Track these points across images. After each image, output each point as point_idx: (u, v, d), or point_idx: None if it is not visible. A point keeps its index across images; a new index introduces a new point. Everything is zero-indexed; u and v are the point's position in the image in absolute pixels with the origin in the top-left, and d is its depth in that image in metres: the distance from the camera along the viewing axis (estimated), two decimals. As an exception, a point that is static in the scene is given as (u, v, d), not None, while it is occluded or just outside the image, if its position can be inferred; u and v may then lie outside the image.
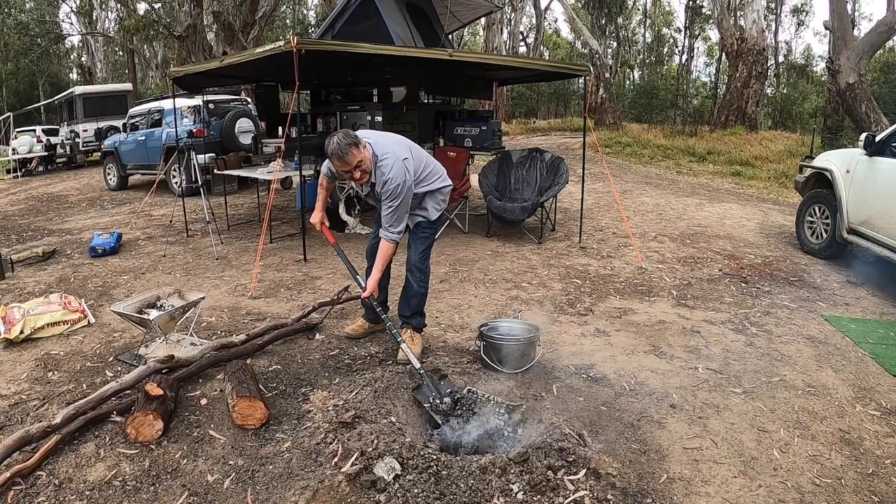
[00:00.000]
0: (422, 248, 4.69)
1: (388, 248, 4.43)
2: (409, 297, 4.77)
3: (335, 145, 4.14)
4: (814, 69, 44.00)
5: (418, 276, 4.69)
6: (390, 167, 4.25)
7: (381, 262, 4.44)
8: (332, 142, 4.16)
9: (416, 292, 4.73)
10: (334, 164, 4.24)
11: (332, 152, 4.16)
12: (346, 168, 4.19)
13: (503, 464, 3.09)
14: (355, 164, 4.17)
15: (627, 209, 10.30)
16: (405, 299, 4.80)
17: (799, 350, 4.87)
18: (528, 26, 46.89)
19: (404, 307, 4.81)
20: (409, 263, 4.72)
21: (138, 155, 14.71)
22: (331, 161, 4.26)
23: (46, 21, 39.80)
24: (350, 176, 4.27)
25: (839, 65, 15.81)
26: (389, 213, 4.32)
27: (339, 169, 4.25)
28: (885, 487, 3.17)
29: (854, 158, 7.06)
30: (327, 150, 4.19)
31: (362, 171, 4.23)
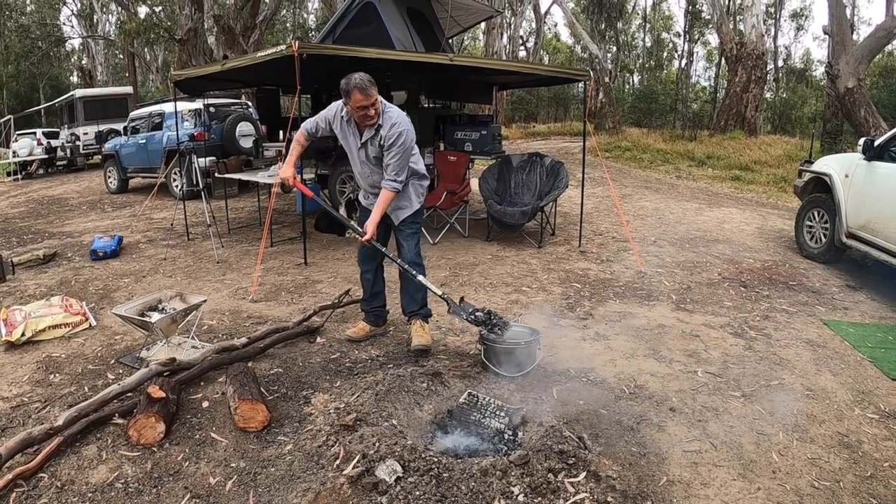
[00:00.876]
0: (413, 244, 4.79)
1: (389, 196, 4.51)
2: (414, 293, 4.86)
3: (359, 79, 4.24)
4: (813, 74, 44.01)
5: (413, 268, 4.71)
6: (397, 115, 4.46)
7: (381, 207, 4.50)
8: (354, 77, 4.25)
9: (419, 286, 4.76)
10: (354, 97, 4.25)
11: (356, 84, 4.22)
12: (365, 102, 4.26)
13: (504, 466, 3.11)
14: (371, 102, 4.28)
15: (627, 213, 10.32)
16: (409, 296, 4.89)
17: (798, 354, 4.89)
18: (528, 31, 46.97)
19: (410, 303, 4.89)
20: (406, 262, 4.73)
21: (139, 158, 14.73)
22: (352, 93, 4.25)
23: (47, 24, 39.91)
24: (363, 113, 4.32)
25: (838, 69, 15.84)
26: (395, 160, 4.41)
27: (357, 103, 4.27)
28: (884, 490, 3.19)
29: (853, 163, 7.08)
30: (349, 84, 4.25)
31: (375, 110, 4.34)
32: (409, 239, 4.78)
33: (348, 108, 4.41)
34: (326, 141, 10.35)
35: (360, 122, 4.44)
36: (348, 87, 4.26)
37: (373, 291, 5.05)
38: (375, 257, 4.94)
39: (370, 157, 4.57)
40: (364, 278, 5.03)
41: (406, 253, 4.76)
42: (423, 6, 10.68)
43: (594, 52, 27.46)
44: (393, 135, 4.38)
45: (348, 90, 4.26)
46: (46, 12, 41.55)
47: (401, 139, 4.39)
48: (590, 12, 40.07)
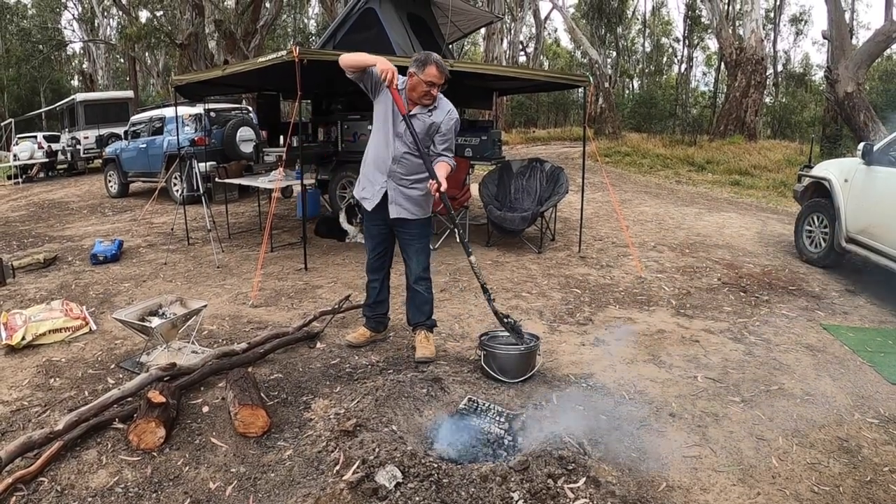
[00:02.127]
0: (423, 259, 4.75)
1: (447, 168, 4.60)
2: (421, 305, 4.83)
3: (439, 57, 4.40)
4: (812, 78, 44.08)
5: (424, 286, 4.77)
6: (450, 104, 4.60)
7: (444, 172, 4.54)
8: (434, 54, 4.42)
9: (427, 299, 4.82)
10: (429, 71, 4.31)
11: (436, 60, 4.35)
12: (439, 80, 4.36)
13: (504, 472, 3.11)
14: (441, 83, 4.39)
15: (627, 219, 10.33)
16: (416, 308, 4.85)
17: (797, 359, 4.89)
18: (528, 36, 47.04)
19: (417, 315, 4.87)
20: (413, 276, 4.76)
21: (139, 162, 14.75)
22: (429, 67, 4.31)
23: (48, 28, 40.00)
24: (427, 90, 4.37)
25: (837, 74, 15.87)
26: (450, 142, 4.61)
27: (429, 77, 4.32)
28: (884, 495, 3.19)
29: (852, 167, 7.09)
30: (428, 57, 4.36)
31: (437, 93, 4.46)
32: (419, 253, 4.75)
33: (411, 80, 4.41)
34: (327, 146, 10.40)
35: (418, 98, 4.44)
36: (427, 60, 4.33)
37: (377, 299, 5.03)
38: (384, 267, 4.94)
39: (408, 133, 4.42)
40: (370, 287, 5.00)
41: (415, 266, 4.75)
42: (424, 12, 10.69)
43: (594, 58, 27.52)
44: (451, 119, 4.53)
45: (425, 62, 4.32)
46: (47, 16, 41.66)
47: (457, 125, 4.61)
48: (590, 18, 40.09)
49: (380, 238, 4.82)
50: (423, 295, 4.78)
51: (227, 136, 12.98)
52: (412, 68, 4.38)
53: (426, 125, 4.49)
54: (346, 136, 10.21)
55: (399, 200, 4.60)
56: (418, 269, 4.75)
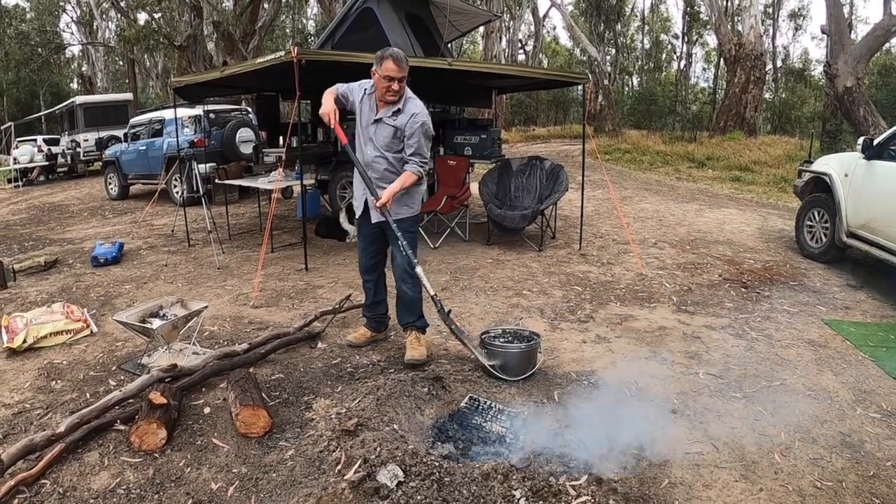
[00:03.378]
0: (408, 255, 4.52)
1: (411, 179, 4.49)
2: (408, 305, 4.75)
3: (396, 50, 4.38)
4: (812, 73, 44.05)
5: (410, 283, 4.66)
6: (420, 106, 4.50)
7: (400, 183, 4.45)
8: (392, 48, 4.41)
9: (413, 298, 4.72)
10: (385, 65, 4.26)
11: (392, 53, 4.30)
12: (397, 74, 4.29)
13: (505, 470, 3.11)
14: (400, 77, 4.32)
15: (627, 216, 10.32)
16: (404, 307, 4.77)
17: (799, 354, 4.89)
18: (527, 34, 47.02)
19: (406, 315, 4.78)
20: (398, 273, 4.69)
21: (139, 164, 14.75)
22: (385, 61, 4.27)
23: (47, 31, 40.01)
24: (388, 85, 4.32)
25: (837, 69, 15.87)
26: (417, 144, 4.44)
27: (387, 72, 4.27)
28: (887, 490, 3.19)
29: (852, 162, 7.08)
30: (384, 52, 4.32)
31: (400, 87, 4.37)
32: (402, 248, 4.52)
33: (374, 79, 4.41)
34: (327, 146, 10.39)
35: (381, 95, 4.41)
36: (383, 55, 4.30)
37: (375, 300, 5.01)
38: (377, 267, 4.91)
39: (378, 136, 4.51)
40: (366, 287, 4.99)
41: (401, 262, 4.63)
42: (422, 11, 10.69)
43: (593, 55, 27.52)
44: (416, 122, 4.42)
45: (382, 57, 4.29)
46: (46, 19, 41.64)
47: (423, 128, 4.45)
48: (588, 15, 40.18)
49: (371, 238, 4.79)
50: (408, 294, 4.69)
51: (227, 138, 12.98)
52: (374, 66, 4.37)
53: (391, 129, 4.48)
54: (346, 136, 10.19)
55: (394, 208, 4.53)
56: (402, 265, 4.63)
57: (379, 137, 4.52)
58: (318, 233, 9.36)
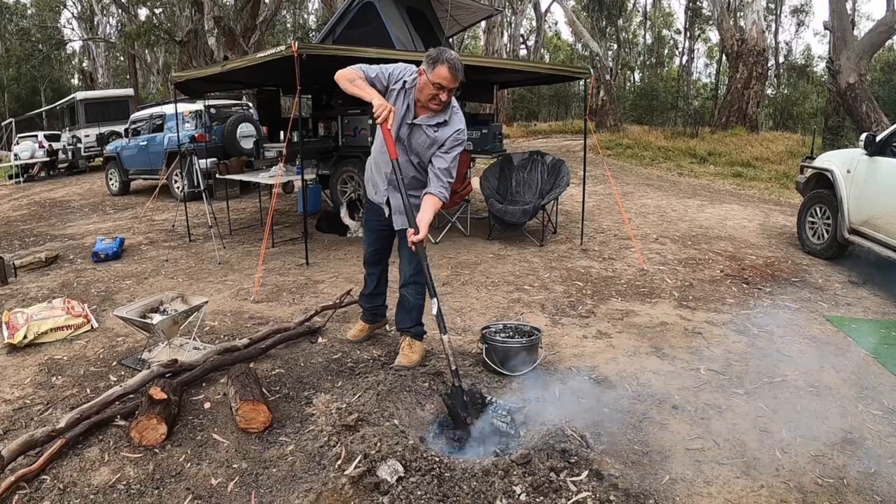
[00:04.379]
0: (415, 262, 4.31)
1: (437, 205, 4.13)
2: (409, 310, 4.61)
3: (454, 57, 3.90)
4: (814, 69, 43.96)
5: (414, 290, 4.52)
6: (463, 121, 4.18)
7: (431, 213, 4.06)
8: (450, 52, 3.94)
9: (415, 304, 4.58)
10: (439, 71, 3.85)
11: (449, 59, 3.86)
12: (449, 83, 3.92)
13: (506, 465, 3.10)
14: (452, 87, 3.96)
15: (629, 211, 10.31)
16: (405, 312, 4.63)
17: (801, 350, 4.88)
18: (529, 29, 46.99)
19: (405, 320, 4.64)
20: (403, 278, 4.54)
21: (140, 160, 14.75)
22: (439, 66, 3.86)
23: (48, 27, 39.99)
24: (435, 92, 3.94)
25: (839, 65, 15.83)
26: (450, 164, 4.10)
27: (439, 78, 3.87)
28: (888, 487, 3.17)
29: (855, 158, 7.07)
30: (441, 55, 3.89)
31: (448, 97, 4.01)
32: (413, 257, 4.26)
33: (420, 79, 4.01)
34: (328, 141, 10.38)
35: (424, 100, 4.02)
36: (439, 57, 3.88)
37: (374, 291, 4.92)
38: (381, 261, 4.82)
39: (412, 142, 4.16)
40: (368, 278, 4.90)
41: (406, 269, 4.49)
42: (423, 5, 10.67)
43: (595, 50, 27.45)
44: (459, 139, 4.12)
45: (437, 60, 3.87)
46: (47, 15, 41.62)
47: (462, 146, 4.16)
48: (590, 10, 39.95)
49: (378, 234, 4.67)
50: (409, 300, 4.55)
51: (228, 133, 12.97)
52: (423, 65, 3.96)
53: (430, 140, 4.13)
54: (347, 131, 10.20)
55: (398, 213, 4.34)
56: (409, 271, 4.48)
57: (413, 142, 4.18)
58: (319, 228, 9.35)
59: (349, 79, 4.05)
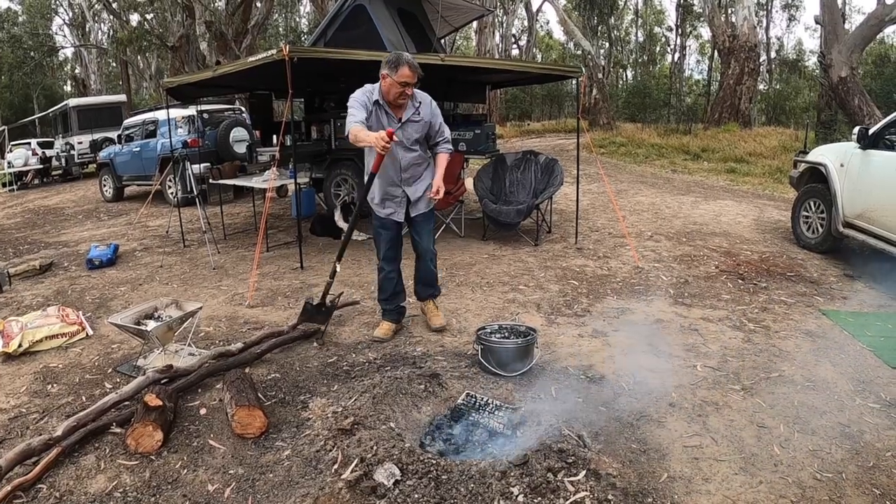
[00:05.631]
0: (429, 235, 5.13)
1: (447, 159, 4.90)
2: (429, 276, 5.24)
3: (410, 56, 4.51)
4: (806, 64, 44.05)
5: (432, 257, 5.18)
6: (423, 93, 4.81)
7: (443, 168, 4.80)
8: (405, 54, 4.54)
9: (433, 270, 5.23)
10: (402, 72, 4.40)
11: (408, 60, 4.44)
12: (411, 80, 4.45)
13: (503, 467, 3.09)
14: (415, 81, 4.51)
15: (623, 209, 10.31)
16: (425, 280, 5.27)
17: (797, 345, 4.88)
18: (521, 29, 47.06)
19: (426, 288, 5.31)
20: (423, 250, 5.13)
21: (133, 166, 14.73)
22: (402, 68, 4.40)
23: (39, 34, 39.86)
24: (402, 90, 4.49)
25: (831, 59, 15.87)
26: (442, 126, 4.86)
27: (403, 78, 4.41)
28: (887, 480, 3.18)
29: (848, 152, 7.07)
30: (400, 58, 4.44)
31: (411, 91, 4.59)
32: (427, 232, 5.10)
33: (383, 87, 4.56)
34: (321, 144, 10.37)
35: (394, 100, 4.57)
36: (399, 61, 4.42)
37: (396, 290, 5.23)
38: (398, 256, 5.18)
39: (406, 136, 4.73)
40: (388, 278, 5.15)
41: (424, 243, 5.10)
42: (414, 7, 10.65)
43: (587, 49, 27.48)
44: (435, 108, 4.81)
45: (398, 63, 4.41)
46: (38, 22, 41.46)
47: (438, 109, 4.86)
48: (581, 9, 40.01)
49: (395, 232, 5.06)
50: (430, 267, 5.18)
51: (221, 137, 12.96)
52: (384, 70, 4.49)
53: (421, 125, 4.76)
54: (340, 134, 10.17)
55: (417, 203, 4.97)
56: (428, 244, 5.13)
57: (407, 135, 4.74)
58: (314, 231, 9.34)
59: (354, 135, 4.42)
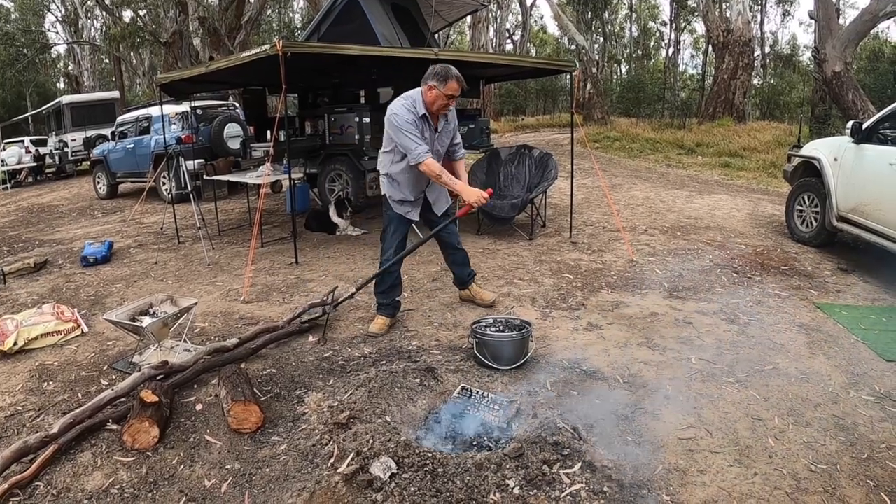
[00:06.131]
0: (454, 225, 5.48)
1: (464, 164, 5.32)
2: (462, 257, 5.60)
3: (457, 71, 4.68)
4: (800, 59, 44.09)
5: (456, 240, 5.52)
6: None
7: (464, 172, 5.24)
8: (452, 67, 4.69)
9: (462, 250, 5.57)
10: (451, 85, 4.61)
11: (457, 75, 4.66)
12: (456, 93, 4.69)
13: (498, 459, 3.11)
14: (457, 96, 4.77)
15: (617, 203, 10.32)
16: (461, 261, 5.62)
17: (791, 338, 4.89)
18: (515, 23, 46.99)
19: (466, 269, 5.67)
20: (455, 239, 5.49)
21: (127, 163, 14.69)
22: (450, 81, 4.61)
23: (32, 31, 39.65)
24: (447, 102, 4.73)
25: (825, 54, 15.86)
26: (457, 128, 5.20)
27: (451, 91, 4.63)
28: (881, 472, 3.19)
29: (842, 146, 7.09)
30: (449, 72, 4.63)
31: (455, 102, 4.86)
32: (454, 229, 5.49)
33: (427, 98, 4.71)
34: (315, 139, 10.36)
35: (438, 111, 4.78)
36: (448, 74, 4.61)
37: (394, 283, 5.30)
38: (404, 245, 5.27)
39: (441, 144, 5.03)
40: (391, 270, 5.20)
41: (453, 238, 5.46)
42: (408, 2, 10.65)
43: (581, 44, 27.46)
44: (454, 115, 5.09)
45: (447, 77, 4.60)
46: (31, 19, 41.27)
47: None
48: (576, 3, 40.03)
49: (406, 227, 5.25)
50: (465, 253, 5.55)
51: (215, 133, 12.93)
52: (432, 82, 4.63)
53: (450, 132, 5.10)
54: (334, 129, 10.17)
55: (440, 200, 5.30)
56: (456, 237, 5.50)
57: (443, 145, 5.05)
58: (308, 227, 9.34)
59: (434, 172, 4.75)
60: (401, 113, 4.70)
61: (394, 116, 4.71)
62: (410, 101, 4.74)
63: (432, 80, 4.62)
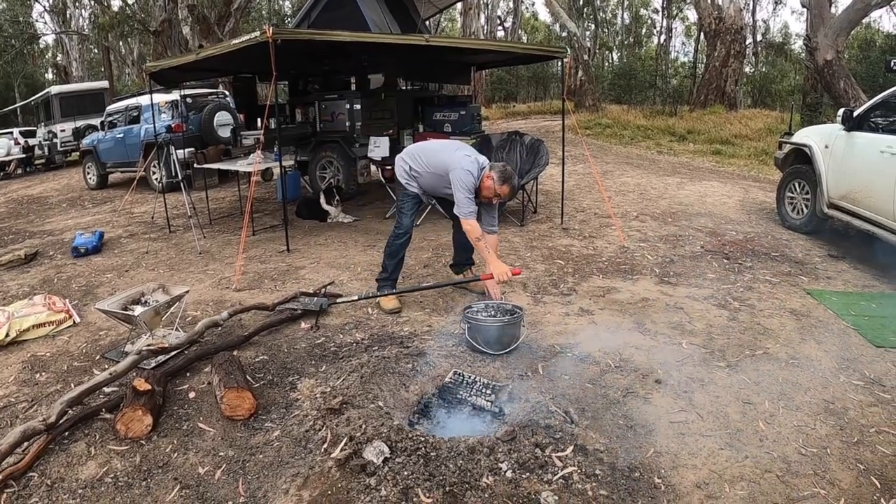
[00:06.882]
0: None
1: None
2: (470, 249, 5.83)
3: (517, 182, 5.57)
4: (792, 47, 44.05)
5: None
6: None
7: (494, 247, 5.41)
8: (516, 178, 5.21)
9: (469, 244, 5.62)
10: (506, 190, 5.08)
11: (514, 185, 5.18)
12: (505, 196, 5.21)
13: (491, 443, 3.12)
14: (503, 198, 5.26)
15: (609, 190, 10.33)
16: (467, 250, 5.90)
17: (782, 323, 4.92)
18: (506, 10, 46.79)
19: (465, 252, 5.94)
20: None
21: (117, 153, 14.60)
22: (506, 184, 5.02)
23: (20, 21, 39.35)
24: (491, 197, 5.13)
25: (817, 42, 15.86)
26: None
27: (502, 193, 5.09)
28: (871, 455, 3.22)
29: (833, 134, 7.10)
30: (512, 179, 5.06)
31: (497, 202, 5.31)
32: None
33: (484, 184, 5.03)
34: (305, 127, 10.33)
35: (483, 197, 5.13)
36: (509, 180, 5.01)
37: (401, 256, 5.62)
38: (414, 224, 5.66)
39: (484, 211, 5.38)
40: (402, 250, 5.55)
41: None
42: (399, -12, 10.62)
43: (572, 30, 27.38)
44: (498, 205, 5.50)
45: (506, 180, 5.00)
46: (18, 9, 40.92)
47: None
48: (567, -10, 39.94)
49: (418, 202, 5.58)
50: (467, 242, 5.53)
51: (205, 122, 12.85)
52: (495, 174, 4.98)
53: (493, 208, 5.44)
54: (324, 116, 10.15)
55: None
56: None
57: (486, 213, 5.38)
58: (299, 214, 9.33)
59: (475, 235, 5.09)
60: (465, 180, 4.98)
61: (465, 175, 4.97)
62: (477, 171, 5.04)
63: (495, 173, 4.98)
